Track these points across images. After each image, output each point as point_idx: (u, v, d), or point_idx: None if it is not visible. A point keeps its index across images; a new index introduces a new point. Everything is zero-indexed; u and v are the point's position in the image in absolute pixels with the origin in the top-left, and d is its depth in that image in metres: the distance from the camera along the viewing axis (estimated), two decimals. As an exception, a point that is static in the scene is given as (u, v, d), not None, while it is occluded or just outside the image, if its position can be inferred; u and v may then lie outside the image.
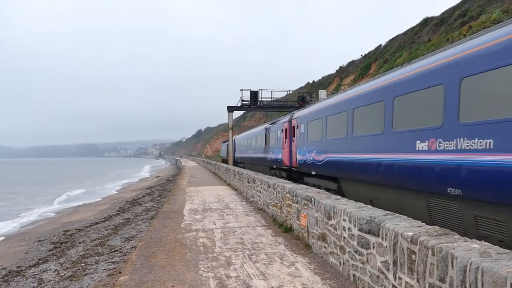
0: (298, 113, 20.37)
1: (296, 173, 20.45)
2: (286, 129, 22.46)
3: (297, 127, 19.59)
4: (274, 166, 25.66)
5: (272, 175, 23.21)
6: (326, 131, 15.18)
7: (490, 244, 3.79)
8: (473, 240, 4.00)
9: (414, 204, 9.21)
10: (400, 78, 9.92)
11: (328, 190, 13.55)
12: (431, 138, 8.16)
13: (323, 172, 15.44)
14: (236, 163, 43.98)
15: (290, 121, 21.80)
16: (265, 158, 28.40)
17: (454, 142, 7.44)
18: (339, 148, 13.55)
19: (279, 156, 23.71)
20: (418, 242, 4.18)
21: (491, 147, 6.52)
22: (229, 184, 25.15)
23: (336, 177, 14.45)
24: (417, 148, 8.68)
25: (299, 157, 18.83)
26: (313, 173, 16.71)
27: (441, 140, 7.83)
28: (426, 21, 50.68)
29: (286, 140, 22.06)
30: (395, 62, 45.55)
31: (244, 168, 36.37)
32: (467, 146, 7.07)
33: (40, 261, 12.50)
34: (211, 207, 14.56)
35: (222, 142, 74.31)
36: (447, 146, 7.65)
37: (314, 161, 16.38)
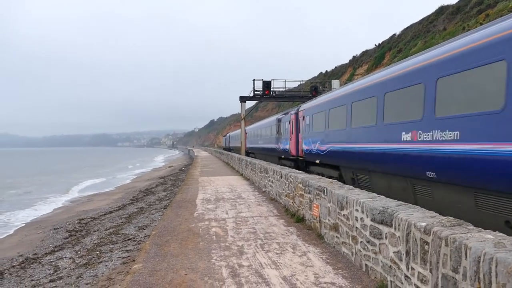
0: (304, 106, 21.72)
1: (302, 163, 21.91)
2: (293, 121, 23.66)
3: (303, 119, 20.82)
4: (283, 156, 27.09)
5: (282, 165, 23.82)
6: (328, 123, 16.28)
7: (505, 235, 3.76)
8: (487, 230, 3.96)
9: (400, 186, 10.57)
10: (389, 76, 11.10)
11: (330, 177, 14.09)
12: (413, 130, 9.40)
13: (326, 161, 16.63)
14: (247, 153, 44.21)
15: (297, 113, 23.00)
16: (275, 148, 29.79)
17: (431, 133, 8.68)
18: (340, 138, 14.66)
19: (287, 147, 25.18)
20: (432, 232, 4.15)
21: (458, 138, 7.75)
22: (241, 174, 25.22)
23: (337, 165, 15.63)
24: (402, 139, 9.90)
25: (305, 147, 20.17)
26: (317, 161, 17.91)
27: (421, 132, 9.05)
28: (442, 10, 49.85)
29: (293, 131, 23.29)
30: (409, 51, 44.97)
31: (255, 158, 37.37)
32: (440, 137, 8.33)
33: (55, 249, 12.73)
34: (224, 197, 14.64)
35: (223, 136, 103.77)
36: (425, 137, 8.90)
37: (318, 151, 17.51)
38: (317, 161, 17.87)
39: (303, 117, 20.85)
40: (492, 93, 7.02)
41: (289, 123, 24.57)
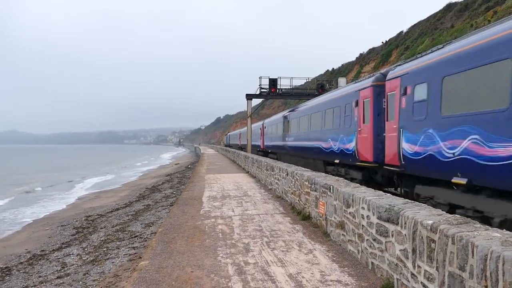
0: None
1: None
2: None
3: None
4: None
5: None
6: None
7: (512, 233, 3.66)
8: (495, 229, 3.95)
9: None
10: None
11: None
12: None
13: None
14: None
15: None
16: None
17: None
18: None
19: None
20: (438, 230, 4.14)
21: None
22: (247, 172, 25.23)
23: None
24: None
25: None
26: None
27: None
28: (450, 7, 49.51)
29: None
30: (416, 49, 44.70)
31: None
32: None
33: (63, 245, 12.82)
34: (230, 194, 14.66)
35: (225, 135, 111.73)
36: None
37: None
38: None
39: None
40: None
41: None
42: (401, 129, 11.38)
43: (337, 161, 17.20)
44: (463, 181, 8.32)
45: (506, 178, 7.10)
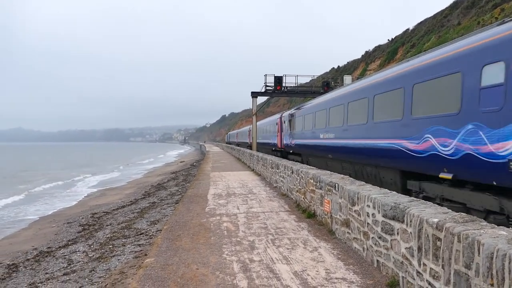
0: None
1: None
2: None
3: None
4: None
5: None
6: None
7: (519, 232, 3.59)
8: (501, 227, 3.92)
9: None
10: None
11: None
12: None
13: None
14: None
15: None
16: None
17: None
18: None
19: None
20: (444, 228, 4.12)
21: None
22: (252, 170, 25.23)
23: None
24: None
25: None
26: None
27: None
28: (456, 4, 49.22)
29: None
30: (423, 46, 44.48)
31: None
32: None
33: (69, 243, 12.89)
34: (235, 192, 14.67)
35: (226, 134, 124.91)
36: None
37: None
38: None
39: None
40: None
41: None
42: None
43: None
44: None
45: None
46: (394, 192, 6.61)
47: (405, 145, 10.74)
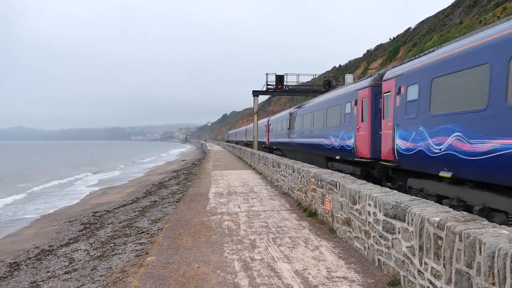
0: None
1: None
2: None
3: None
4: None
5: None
6: None
7: (520, 231, 3.59)
8: (502, 226, 3.92)
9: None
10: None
11: None
12: None
13: None
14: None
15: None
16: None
17: None
18: None
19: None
20: (445, 227, 4.12)
21: None
22: (254, 169, 25.24)
23: None
24: None
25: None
26: None
27: None
28: (458, 3, 49.14)
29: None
30: (424, 45, 44.42)
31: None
32: None
33: (71, 241, 12.91)
34: (236, 191, 14.68)
35: (226, 133, 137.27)
36: None
37: None
38: None
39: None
40: None
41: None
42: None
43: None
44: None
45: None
46: (395, 191, 6.61)
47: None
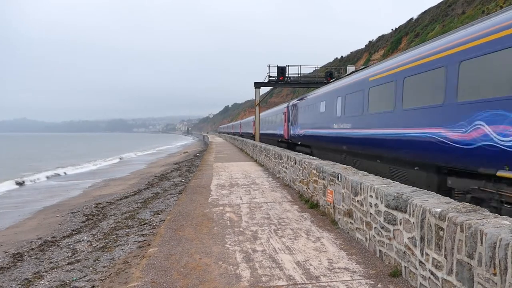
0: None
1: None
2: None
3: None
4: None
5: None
6: None
7: (522, 222, 3.57)
8: (504, 216, 3.92)
9: None
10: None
11: None
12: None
13: None
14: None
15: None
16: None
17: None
18: None
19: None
20: (447, 218, 4.12)
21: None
22: (255, 160, 25.25)
23: None
24: None
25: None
26: None
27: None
28: (461, -7, 48.72)
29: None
30: (427, 35, 44.16)
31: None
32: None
33: (73, 232, 12.96)
34: (238, 183, 14.69)
35: (219, 126, 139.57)
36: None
37: None
38: None
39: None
40: None
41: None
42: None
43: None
44: None
45: None
46: (397, 182, 6.61)
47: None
